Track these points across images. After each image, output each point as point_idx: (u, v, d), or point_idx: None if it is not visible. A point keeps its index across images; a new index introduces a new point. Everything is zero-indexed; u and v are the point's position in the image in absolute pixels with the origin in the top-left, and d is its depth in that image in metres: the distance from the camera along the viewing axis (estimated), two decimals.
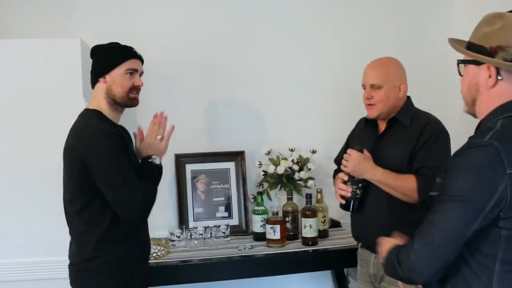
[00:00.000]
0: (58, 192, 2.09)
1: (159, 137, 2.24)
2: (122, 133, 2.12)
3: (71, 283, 2.08)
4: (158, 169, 2.15)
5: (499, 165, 1.30)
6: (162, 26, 3.03)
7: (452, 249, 1.35)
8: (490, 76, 1.44)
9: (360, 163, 2.22)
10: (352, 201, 2.25)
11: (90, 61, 2.15)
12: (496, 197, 1.30)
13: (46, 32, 2.79)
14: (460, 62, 1.52)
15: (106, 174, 1.94)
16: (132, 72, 2.09)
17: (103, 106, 2.09)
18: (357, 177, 2.23)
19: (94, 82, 2.12)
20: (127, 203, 1.96)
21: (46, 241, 2.44)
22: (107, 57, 2.09)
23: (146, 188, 2.03)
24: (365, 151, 2.26)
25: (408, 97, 2.34)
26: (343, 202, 2.28)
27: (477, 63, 1.46)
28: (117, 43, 2.13)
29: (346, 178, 2.26)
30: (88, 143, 1.95)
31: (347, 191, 2.24)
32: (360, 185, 2.24)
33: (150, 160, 2.13)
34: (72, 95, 2.47)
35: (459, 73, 1.54)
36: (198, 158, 3.08)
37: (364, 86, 2.31)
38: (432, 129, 2.19)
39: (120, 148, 2.00)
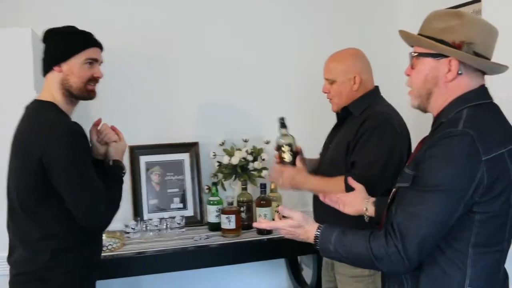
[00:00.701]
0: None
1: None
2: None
3: None
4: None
5: (476, 153, 1.32)
6: (116, 17, 2.98)
7: (437, 239, 1.37)
8: (449, 70, 1.43)
9: (294, 179, 2.25)
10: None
11: (41, 51, 1.94)
12: (475, 184, 1.32)
13: None
14: (419, 55, 1.48)
15: (68, 176, 1.75)
16: (92, 61, 1.91)
17: (57, 98, 1.90)
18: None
19: (47, 70, 1.91)
20: (90, 209, 1.79)
21: None
22: (65, 44, 1.88)
23: (112, 193, 1.89)
24: (298, 163, 2.27)
25: (375, 88, 2.29)
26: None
27: (436, 56, 1.44)
28: (74, 27, 1.93)
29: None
30: (49, 139, 1.75)
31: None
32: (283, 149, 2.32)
33: (124, 171, 2.00)
34: (22, 87, 2.39)
35: (411, 67, 1.51)
36: (152, 149, 3.07)
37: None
38: (371, 122, 2.12)
39: (85, 148, 1.85)
